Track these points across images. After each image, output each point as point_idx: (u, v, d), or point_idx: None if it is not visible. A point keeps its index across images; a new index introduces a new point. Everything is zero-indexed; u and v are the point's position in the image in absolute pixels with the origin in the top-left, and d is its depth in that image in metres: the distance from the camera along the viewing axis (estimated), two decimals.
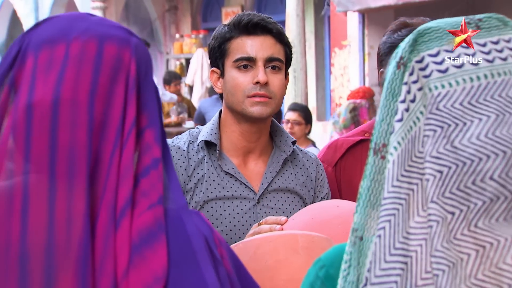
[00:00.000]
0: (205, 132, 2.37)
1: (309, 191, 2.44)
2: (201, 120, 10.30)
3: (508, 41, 1.09)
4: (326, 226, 2.02)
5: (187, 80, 12.37)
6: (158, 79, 14.42)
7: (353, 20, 9.11)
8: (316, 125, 10.75)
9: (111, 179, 1.19)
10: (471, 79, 1.06)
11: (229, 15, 12.84)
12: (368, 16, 9.02)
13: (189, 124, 10.91)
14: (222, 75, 2.38)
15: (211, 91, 10.73)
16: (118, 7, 13.29)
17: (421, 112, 1.07)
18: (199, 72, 12.31)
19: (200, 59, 12.35)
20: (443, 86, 1.06)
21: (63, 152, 1.18)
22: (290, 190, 2.40)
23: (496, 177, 1.02)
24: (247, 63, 2.32)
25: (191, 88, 12.56)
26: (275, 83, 2.32)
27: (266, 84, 2.30)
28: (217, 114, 2.41)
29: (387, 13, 9.02)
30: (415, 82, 1.08)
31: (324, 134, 10.36)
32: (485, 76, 1.06)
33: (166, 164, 1.26)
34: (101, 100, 1.20)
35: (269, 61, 2.32)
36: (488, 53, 1.08)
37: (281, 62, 2.34)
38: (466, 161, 1.03)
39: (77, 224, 1.17)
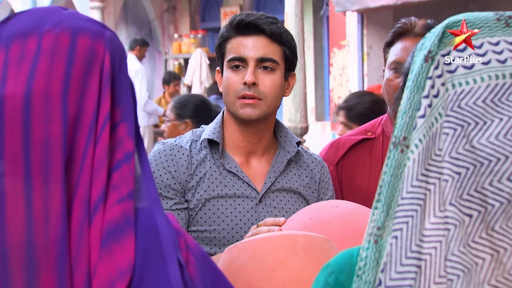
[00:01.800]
0: (208, 130, 2.37)
1: (313, 192, 2.43)
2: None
3: None
4: (325, 227, 2.01)
5: (186, 80, 12.35)
6: (156, 79, 14.40)
7: (352, 20, 9.09)
8: (315, 125, 10.74)
9: (85, 174, 1.17)
10: (497, 77, 1.04)
11: (227, 15, 12.82)
12: (367, 16, 9.00)
13: None
14: (222, 74, 2.38)
15: (209, 91, 10.71)
16: (116, 7, 13.27)
17: (443, 108, 1.05)
18: (198, 72, 12.30)
19: (198, 59, 12.33)
20: (467, 83, 1.04)
21: (38, 147, 1.16)
22: (294, 190, 2.39)
23: None
24: (239, 63, 2.31)
25: (189, 88, 12.55)
26: (266, 83, 2.30)
27: (254, 84, 2.29)
28: (221, 113, 2.41)
29: (386, 13, 9.00)
30: (439, 76, 1.06)
31: (322, 134, 10.35)
32: (511, 75, 1.04)
33: (141, 157, 1.24)
34: (74, 93, 1.18)
35: (260, 61, 2.31)
36: None
37: (275, 63, 2.32)
38: (483, 161, 1.01)
39: (54, 220, 1.15)
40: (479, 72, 1.05)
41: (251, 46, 2.31)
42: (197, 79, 12.28)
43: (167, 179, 2.30)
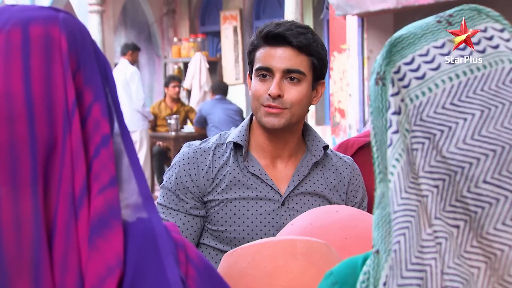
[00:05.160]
0: (234, 134, 2.42)
1: (340, 195, 2.46)
2: (202, 123, 10.31)
3: (484, 31, 1.04)
4: (325, 232, 2.00)
5: (185, 84, 12.37)
6: (156, 82, 14.41)
7: (352, 24, 9.10)
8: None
9: (66, 168, 1.12)
10: (450, 79, 1.02)
11: (227, 18, 12.83)
12: (367, 20, 9.00)
13: (188, 128, 10.91)
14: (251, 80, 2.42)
15: (216, 89, 10.68)
16: (115, 11, 13.28)
17: (409, 123, 1.03)
18: (197, 76, 12.30)
19: (198, 63, 12.34)
20: (423, 94, 1.02)
21: (3, 152, 1.10)
22: (318, 193, 2.42)
23: (489, 179, 0.98)
24: (266, 73, 2.34)
25: (189, 92, 12.56)
26: (291, 94, 2.33)
27: (279, 96, 2.32)
28: (249, 116, 2.46)
29: (386, 17, 9.00)
30: (397, 94, 1.04)
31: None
32: (464, 73, 1.02)
33: (125, 140, 1.19)
34: (39, 85, 1.13)
35: (287, 72, 2.33)
36: (463, 48, 1.03)
37: (301, 74, 2.34)
38: (457, 170, 0.99)
39: (25, 228, 1.10)
40: (432, 79, 1.03)
41: (278, 57, 2.34)
42: (196, 83, 12.29)
43: (186, 181, 2.35)
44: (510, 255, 0.98)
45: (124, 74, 10.39)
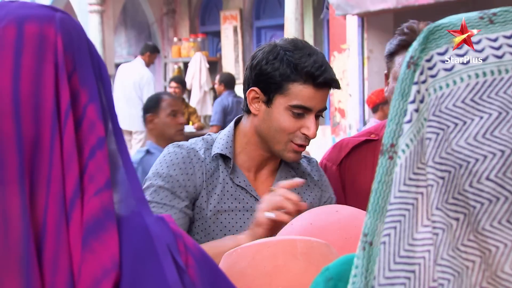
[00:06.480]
0: (219, 144, 2.38)
1: (315, 195, 2.49)
2: (223, 122, 10.23)
3: None
4: (325, 232, 2.00)
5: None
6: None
7: (352, 24, 9.10)
8: None
9: (56, 168, 1.11)
10: (477, 75, 1.02)
11: (227, 18, 12.83)
12: (367, 19, 9.01)
13: (188, 128, 10.92)
14: (266, 103, 2.34)
15: (225, 81, 10.58)
16: (115, 11, 13.28)
17: (428, 112, 1.03)
18: (197, 76, 12.31)
19: (198, 63, 12.34)
20: (447, 85, 1.02)
21: None
22: None
23: (492, 177, 0.98)
24: (303, 112, 2.30)
25: (189, 92, 12.55)
26: (315, 130, 2.33)
27: None
28: (232, 126, 2.42)
29: (386, 16, 9.01)
30: (424, 82, 1.04)
31: (323, 138, 10.34)
32: (492, 72, 1.01)
33: (121, 152, 1.18)
34: (27, 84, 1.13)
35: (319, 111, 2.33)
36: (498, 48, 1.03)
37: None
38: (462, 163, 0.99)
39: (14, 224, 1.09)
40: (459, 73, 1.03)
41: (320, 99, 2.32)
42: (196, 83, 12.29)
43: (183, 180, 2.31)
44: (505, 252, 0.98)
45: (139, 74, 10.30)
